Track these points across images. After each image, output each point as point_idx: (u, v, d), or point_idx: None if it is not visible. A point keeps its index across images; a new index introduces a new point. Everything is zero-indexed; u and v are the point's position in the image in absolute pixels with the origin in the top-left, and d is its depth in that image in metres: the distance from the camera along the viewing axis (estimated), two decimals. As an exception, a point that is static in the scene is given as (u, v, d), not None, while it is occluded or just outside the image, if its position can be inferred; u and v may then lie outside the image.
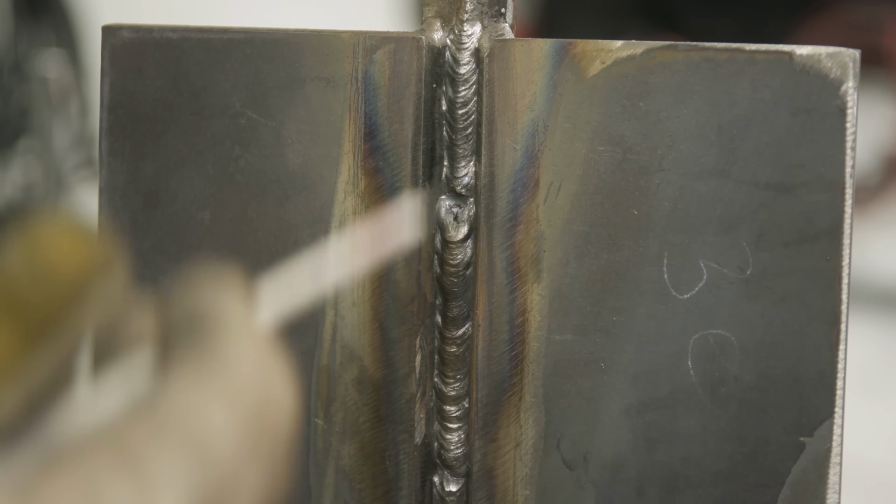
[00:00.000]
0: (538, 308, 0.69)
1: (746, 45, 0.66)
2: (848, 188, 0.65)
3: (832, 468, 0.66)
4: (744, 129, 0.66)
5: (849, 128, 0.65)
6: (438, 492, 0.72)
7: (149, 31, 0.74)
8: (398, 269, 0.71)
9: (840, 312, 0.65)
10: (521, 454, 0.70)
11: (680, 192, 0.67)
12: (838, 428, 0.66)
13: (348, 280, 0.50)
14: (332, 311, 0.72)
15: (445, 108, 0.71)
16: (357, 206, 0.71)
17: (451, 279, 0.71)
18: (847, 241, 0.65)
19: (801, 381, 0.66)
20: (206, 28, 0.73)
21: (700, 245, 0.67)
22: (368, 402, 0.72)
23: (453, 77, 0.71)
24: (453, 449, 0.72)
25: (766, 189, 0.66)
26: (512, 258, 0.69)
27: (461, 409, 0.72)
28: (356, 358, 0.72)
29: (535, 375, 0.69)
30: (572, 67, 0.68)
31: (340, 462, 0.72)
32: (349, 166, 0.71)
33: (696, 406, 0.67)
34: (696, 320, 0.67)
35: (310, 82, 0.71)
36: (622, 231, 0.68)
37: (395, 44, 0.70)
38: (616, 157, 0.68)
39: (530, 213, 0.69)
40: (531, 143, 0.69)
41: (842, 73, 0.65)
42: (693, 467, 0.67)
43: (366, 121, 0.71)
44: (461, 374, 0.72)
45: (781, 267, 0.66)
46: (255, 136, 0.72)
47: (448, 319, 0.72)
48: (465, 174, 0.71)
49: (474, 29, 0.71)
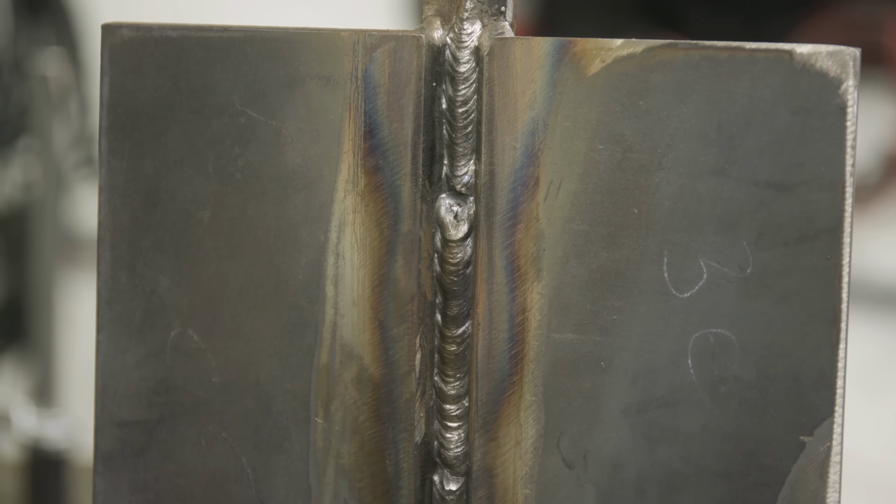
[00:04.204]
0: (538, 307, 0.69)
1: (746, 44, 0.66)
2: (848, 187, 0.65)
3: (832, 467, 0.66)
4: (744, 127, 0.66)
5: (849, 126, 0.65)
6: (438, 491, 0.72)
7: (148, 30, 0.73)
8: (398, 267, 0.71)
9: (840, 311, 0.65)
10: (520, 453, 0.70)
11: (680, 190, 0.67)
12: (838, 427, 0.66)
13: None
14: (332, 309, 0.72)
15: (445, 107, 0.71)
16: (357, 204, 0.71)
17: (451, 278, 0.71)
18: (847, 239, 0.65)
19: (802, 380, 0.66)
20: (206, 27, 0.73)
21: (700, 244, 0.67)
22: (368, 401, 0.72)
23: (453, 75, 0.71)
24: (453, 448, 0.72)
25: (766, 188, 0.66)
26: (512, 257, 0.69)
27: (461, 408, 0.72)
28: (356, 356, 0.72)
29: (535, 374, 0.69)
30: (572, 66, 0.68)
31: (340, 461, 0.72)
32: (349, 165, 0.71)
33: (696, 405, 0.67)
34: (696, 319, 0.67)
35: (309, 81, 0.71)
36: (622, 230, 0.68)
37: (395, 42, 0.70)
38: (616, 155, 0.68)
39: (530, 212, 0.69)
40: (531, 142, 0.69)
41: (842, 71, 0.65)
42: (693, 466, 0.67)
43: (366, 119, 0.71)
44: (461, 372, 0.71)
45: (781, 266, 0.66)
46: (255, 135, 0.72)
47: (448, 318, 0.72)
48: (465, 173, 0.71)
49: (474, 27, 0.71)
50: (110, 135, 0.74)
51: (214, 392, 0.73)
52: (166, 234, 0.74)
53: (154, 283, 0.74)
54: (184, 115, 0.73)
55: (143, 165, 0.74)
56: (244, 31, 0.72)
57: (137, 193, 0.74)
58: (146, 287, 0.74)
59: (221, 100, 0.73)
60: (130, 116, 0.74)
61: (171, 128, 0.73)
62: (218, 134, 0.73)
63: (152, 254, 0.74)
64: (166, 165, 0.73)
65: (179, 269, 0.73)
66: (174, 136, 0.73)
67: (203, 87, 0.73)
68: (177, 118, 0.73)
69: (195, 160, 0.73)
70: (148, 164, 0.74)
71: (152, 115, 0.74)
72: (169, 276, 0.74)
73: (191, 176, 0.73)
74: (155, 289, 0.74)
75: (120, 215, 0.74)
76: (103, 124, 0.74)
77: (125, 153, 0.74)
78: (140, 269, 0.74)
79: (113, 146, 0.74)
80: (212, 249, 0.73)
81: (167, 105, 0.73)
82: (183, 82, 0.73)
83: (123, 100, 0.74)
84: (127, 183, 0.74)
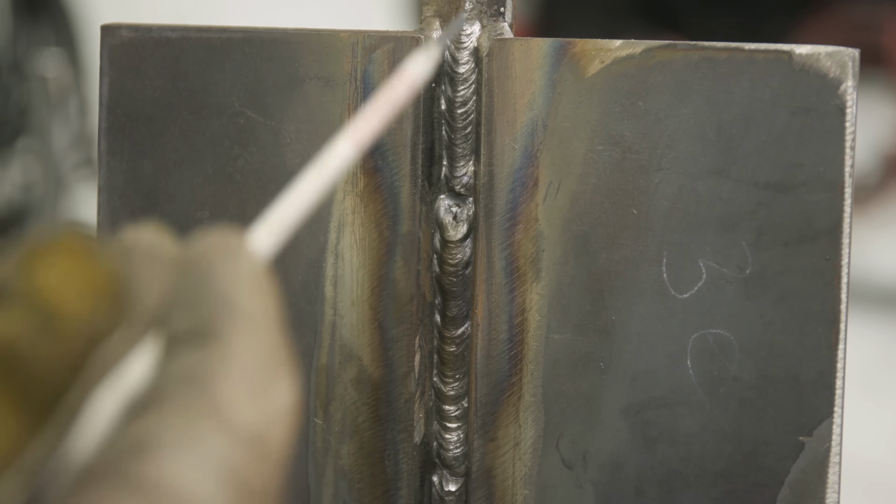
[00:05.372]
0: (537, 307, 0.69)
1: (746, 45, 0.66)
2: (847, 187, 0.65)
3: (831, 468, 0.66)
4: (743, 128, 0.66)
5: (848, 127, 0.65)
6: (437, 491, 0.72)
7: (147, 31, 0.73)
8: (397, 268, 0.71)
9: (839, 312, 0.65)
10: (520, 454, 0.70)
11: (679, 191, 0.67)
12: (837, 427, 0.66)
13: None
14: (332, 310, 0.72)
15: (444, 108, 0.71)
16: (356, 205, 0.71)
17: (451, 278, 0.71)
18: (846, 240, 0.65)
19: (801, 380, 0.66)
20: (205, 27, 0.73)
21: (699, 244, 0.67)
22: (367, 402, 0.72)
23: (452, 76, 0.71)
24: (452, 448, 0.72)
25: (765, 188, 0.66)
26: (511, 257, 0.69)
27: (460, 409, 0.72)
28: (355, 357, 0.72)
29: (535, 375, 0.69)
30: (571, 67, 0.68)
31: (339, 461, 0.72)
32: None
33: (695, 405, 0.67)
34: (695, 320, 0.67)
35: (309, 81, 0.71)
36: (621, 230, 0.68)
37: (394, 43, 0.70)
38: (615, 156, 0.68)
39: (529, 213, 0.69)
40: (530, 143, 0.69)
41: (841, 72, 0.65)
42: (692, 467, 0.67)
43: (365, 120, 0.71)
44: (460, 373, 0.71)
45: (781, 266, 0.66)
46: (254, 136, 0.72)
47: (447, 319, 0.72)
48: (465, 173, 0.71)
49: (473, 28, 0.71)
50: (109, 135, 0.74)
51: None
52: (165, 235, 0.74)
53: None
54: (183, 115, 0.73)
55: (142, 166, 0.74)
56: (243, 32, 0.72)
57: (137, 194, 0.74)
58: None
59: (221, 100, 0.72)
60: (130, 117, 0.74)
61: (170, 128, 0.73)
62: (217, 134, 0.73)
63: (151, 254, 0.74)
64: (165, 166, 0.73)
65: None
66: (173, 137, 0.73)
67: (202, 87, 0.73)
68: (176, 119, 0.73)
69: (194, 161, 0.73)
70: (147, 165, 0.74)
71: (151, 116, 0.74)
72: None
73: (190, 176, 0.73)
74: (154, 289, 0.74)
75: (119, 216, 0.74)
76: (102, 125, 0.74)
77: (124, 154, 0.74)
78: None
79: (112, 147, 0.74)
80: (211, 250, 0.73)
81: (166, 106, 0.73)
82: (182, 83, 0.73)
83: (123, 100, 0.74)
84: (126, 183, 0.74)
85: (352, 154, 0.49)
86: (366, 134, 0.49)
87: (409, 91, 0.52)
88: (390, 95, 0.51)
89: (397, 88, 0.51)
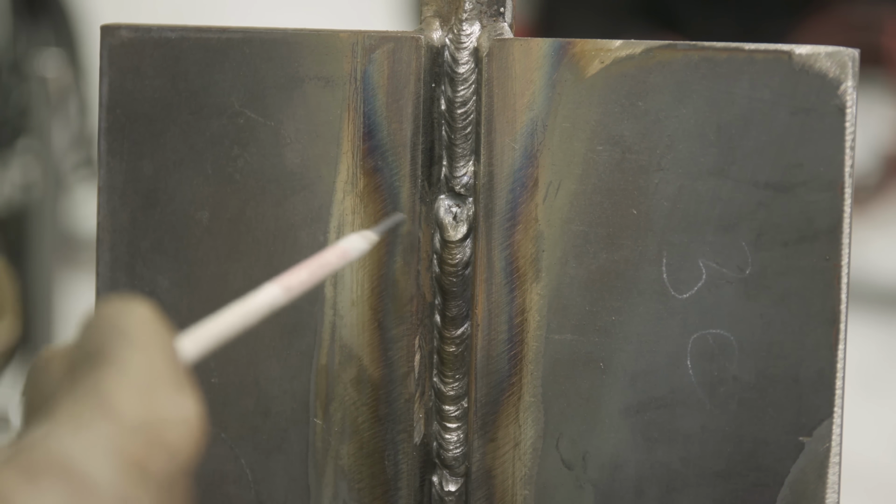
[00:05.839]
0: (537, 308, 0.69)
1: (745, 45, 0.66)
2: (847, 188, 0.65)
3: (831, 468, 0.66)
4: (743, 128, 0.66)
5: (848, 127, 0.65)
6: (437, 492, 0.72)
7: (147, 31, 0.73)
8: (397, 268, 0.71)
9: (839, 312, 0.65)
10: (520, 454, 0.70)
11: (679, 191, 0.67)
12: (837, 428, 0.66)
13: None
14: (331, 310, 0.72)
15: (444, 108, 0.71)
16: (356, 205, 0.71)
17: (450, 279, 0.71)
18: (846, 240, 0.65)
19: (801, 380, 0.66)
20: (205, 28, 0.73)
21: (699, 245, 0.67)
22: (367, 402, 0.72)
23: (452, 76, 0.71)
24: (452, 449, 0.72)
25: (765, 188, 0.66)
26: (511, 258, 0.69)
27: (460, 409, 0.72)
28: (355, 357, 0.72)
29: (534, 375, 0.69)
30: (571, 67, 0.68)
31: (339, 462, 0.72)
32: (348, 166, 0.71)
33: (695, 406, 0.67)
34: (695, 320, 0.67)
35: (308, 82, 0.71)
36: (621, 231, 0.68)
37: (394, 43, 0.70)
38: (615, 156, 0.68)
39: (529, 213, 0.69)
40: (530, 143, 0.69)
41: (841, 72, 0.65)
42: (692, 467, 0.67)
43: (365, 120, 0.71)
44: (460, 373, 0.71)
45: (780, 266, 0.66)
46: (254, 136, 0.72)
47: (447, 319, 0.72)
48: (464, 174, 0.71)
49: (473, 28, 0.71)
50: (109, 136, 0.74)
51: (213, 393, 0.73)
52: (165, 235, 0.74)
53: (153, 283, 0.74)
54: (183, 115, 0.73)
55: (142, 166, 0.74)
56: (243, 32, 0.72)
57: (136, 194, 0.74)
58: (145, 288, 0.74)
59: (220, 101, 0.72)
60: (129, 117, 0.74)
61: (170, 128, 0.73)
62: (217, 135, 0.73)
63: (151, 255, 0.74)
64: (165, 166, 0.73)
65: (178, 269, 0.73)
66: (173, 137, 0.73)
67: (202, 87, 0.73)
68: (176, 119, 0.73)
69: (194, 161, 0.73)
70: (147, 165, 0.74)
71: (151, 116, 0.74)
72: (168, 277, 0.74)
73: (190, 177, 0.73)
74: (154, 290, 0.74)
75: (119, 216, 0.74)
76: (102, 125, 0.74)
77: (124, 154, 0.74)
78: (139, 269, 0.74)
79: (112, 147, 0.74)
80: (211, 250, 0.73)
81: (166, 106, 0.73)
82: (182, 83, 0.73)
83: (122, 101, 0.74)
84: (126, 184, 0.74)
85: (279, 297, 0.55)
86: (295, 283, 0.56)
87: (341, 261, 0.61)
88: (324, 260, 0.59)
89: (330, 257, 0.60)
